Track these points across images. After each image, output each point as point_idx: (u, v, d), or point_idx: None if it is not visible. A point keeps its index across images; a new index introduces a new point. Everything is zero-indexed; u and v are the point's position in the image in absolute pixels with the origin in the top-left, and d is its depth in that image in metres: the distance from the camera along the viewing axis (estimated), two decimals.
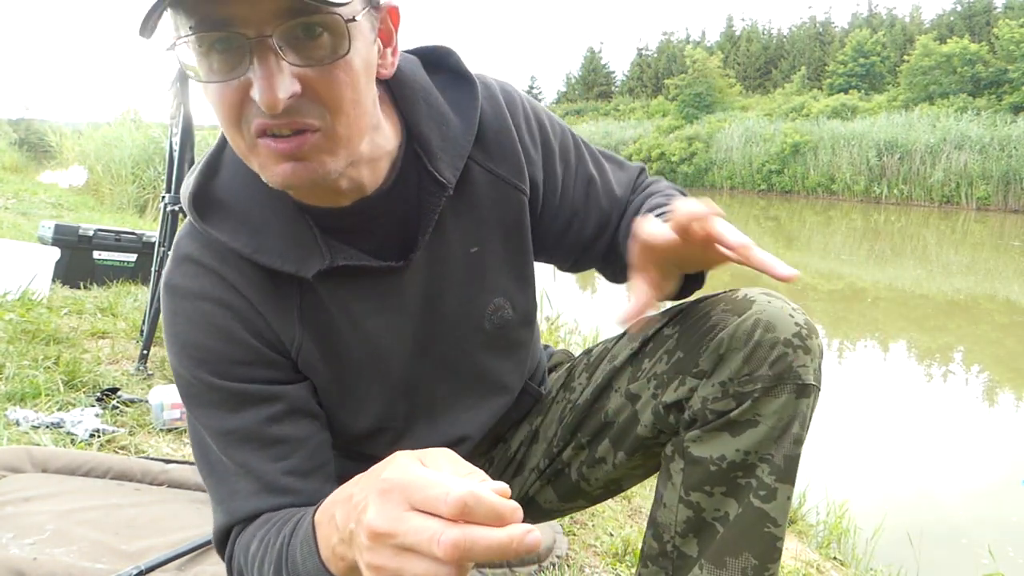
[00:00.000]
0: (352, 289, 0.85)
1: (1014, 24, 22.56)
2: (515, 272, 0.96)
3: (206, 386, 0.81)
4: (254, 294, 0.82)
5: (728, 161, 23.37)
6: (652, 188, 1.05)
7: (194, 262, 0.82)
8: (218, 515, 0.84)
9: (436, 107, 0.86)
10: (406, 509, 0.54)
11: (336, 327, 0.86)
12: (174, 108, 2.87)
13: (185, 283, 0.82)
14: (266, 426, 0.81)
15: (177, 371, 0.83)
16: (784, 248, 12.43)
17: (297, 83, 0.67)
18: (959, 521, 2.97)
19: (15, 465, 1.72)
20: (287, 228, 0.80)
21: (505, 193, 0.92)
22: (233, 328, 0.81)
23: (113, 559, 1.40)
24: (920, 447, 3.81)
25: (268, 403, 0.82)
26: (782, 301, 0.88)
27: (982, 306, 7.82)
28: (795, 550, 2.16)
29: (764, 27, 41.00)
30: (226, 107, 0.69)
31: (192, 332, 0.81)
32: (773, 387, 0.84)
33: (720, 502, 0.88)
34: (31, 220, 6.27)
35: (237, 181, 0.82)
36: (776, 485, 0.85)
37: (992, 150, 17.87)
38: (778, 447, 0.85)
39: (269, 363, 0.83)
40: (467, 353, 0.96)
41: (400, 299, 0.87)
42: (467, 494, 0.52)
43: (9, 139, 19.99)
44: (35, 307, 3.14)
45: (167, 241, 2.80)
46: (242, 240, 0.80)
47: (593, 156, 1.03)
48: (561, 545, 1.73)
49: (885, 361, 5.74)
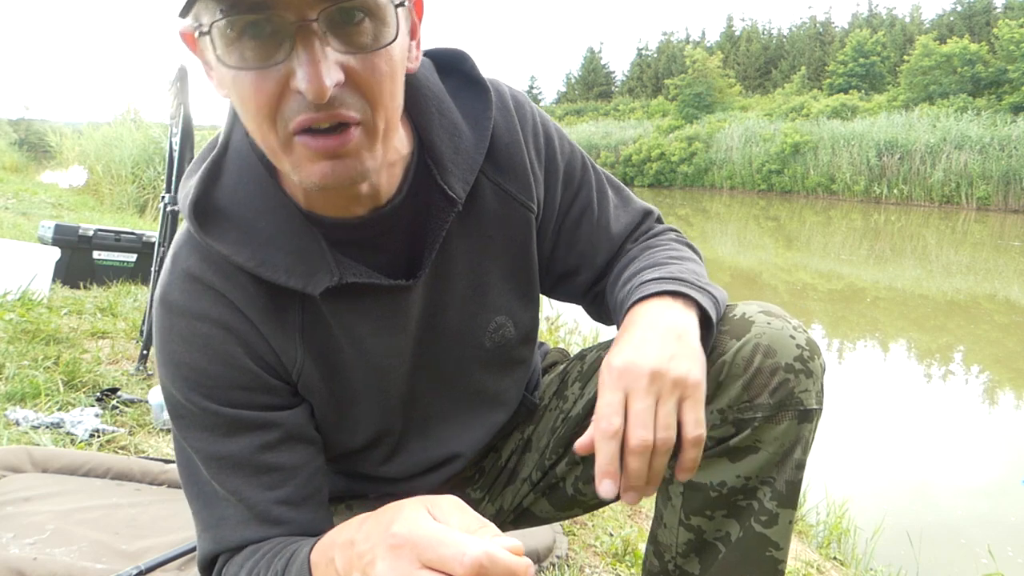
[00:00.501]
0: (356, 307, 0.80)
1: (1014, 24, 22.55)
2: (519, 291, 0.93)
3: (199, 409, 0.77)
4: (256, 314, 0.77)
5: (728, 161, 23.37)
6: (650, 243, 0.98)
7: (194, 279, 0.76)
8: (204, 542, 0.80)
9: (449, 117, 0.82)
10: (418, 568, 0.53)
11: (338, 346, 0.82)
12: (174, 108, 2.87)
13: (183, 301, 0.76)
14: (260, 454, 0.78)
15: (168, 391, 0.78)
16: (784, 248, 12.43)
17: (341, 72, 0.62)
18: (959, 521, 2.97)
19: (15, 465, 1.72)
20: (294, 241, 0.75)
21: (513, 210, 0.88)
22: (233, 352, 0.76)
23: (113, 559, 1.40)
24: (920, 447, 3.81)
25: (263, 430, 0.78)
26: (782, 320, 0.84)
27: (982, 306, 7.82)
28: (795, 550, 2.16)
29: (764, 27, 41.05)
30: (262, 99, 0.63)
31: (188, 353, 0.76)
32: (774, 415, 0.82)
33: (721, 524, 0.87)
34: (31, 220, 6.27)
35: (241, 188, 0.76)
36: (778, 510, 0.84)
37: (992, 150, 17.87)
38: (780, 471, 0.83)
39: (268, 389, 0.79)
40: (465, 370, 0.93)
41: (403, 318, 0.84)
42: (483, 555, 0.51)
43: (9, 139, 20.00)
44: (35, 307, 3.14)
45: (167, 241, 2.80)
46: (245, 253, 0.74)
47: (599, 185, 0.97)
48: (561, 545, 1.73)
49: (885, 361, 5.74)
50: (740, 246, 12.87)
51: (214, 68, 0.68)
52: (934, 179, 18.50)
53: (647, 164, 25.11)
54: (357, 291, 0.78)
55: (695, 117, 27.51)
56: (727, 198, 21.73)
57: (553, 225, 0.95)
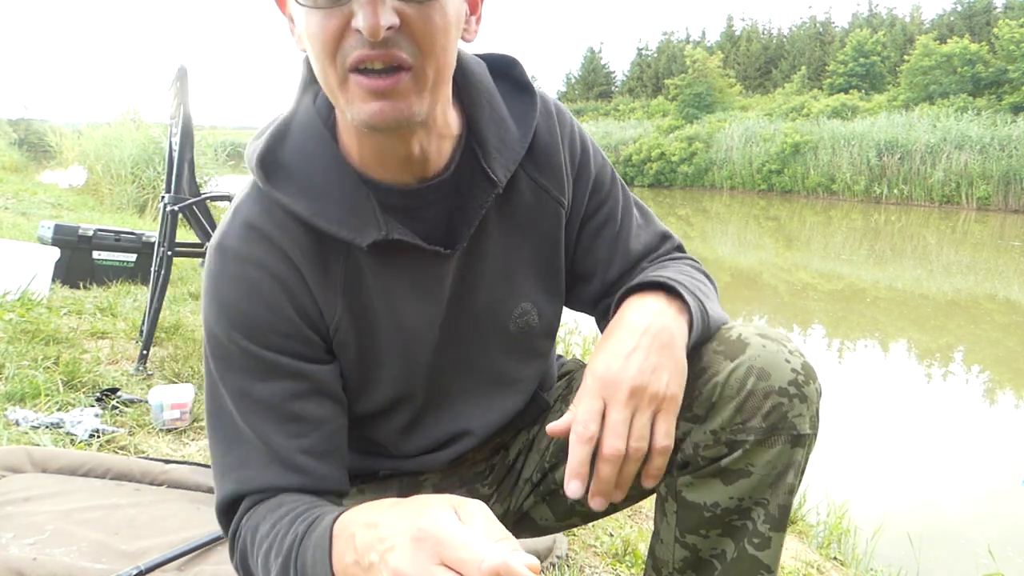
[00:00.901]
0: (395, 268, 0.85)
1: (1014, 24, 22.53)
2: (544, 282, 0.97)
3: (240, 349, 0.81)
4: (305, 263, 0.82)
5: (728, 161, 23.35)
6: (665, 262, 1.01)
7: (250, 227, 0.82)
8: (226, 483, 0.83)
9: (497, 111, 0.89)
10: (436, 563, 0.56)
11: (373, 305, 0.87)
12: (174, 108, 2.87)
13: (237, 246, 0.82)
14: (290, 401, 0.82)
15: (212, 330, 0.83)
16: (784, 248, 12.43)
17: (396, 16, 0.69)
18: (959, 521, 2.97)
19: (15, 465, 1.72)
20: (348, 197, 0.81)
21: (546, 204, 0.94)
22: (278, 299, 0.81)
23: (113, 559, 1.40)
24: (920, 447, 3.81)
25: (296, 379, 0.82)
26: (778, 343, 0.85)
27: (982, 306, 7.82)
28: (795, 550, 2.16)
29: (764, 27, 40.98)
30: (326, 35, 0.70)
31: (236, 295, 0.81)
32: (766, 438, 0.83)
33: (717, 542, 0.88)
34: (31, 220, 6.27)
35: (304, 148, 0.83)
36: (770, 534, 0.86)
37: (992, 150, 17.85)
38: (773, 493, 0.85)
39: (305, 340, 0.84)
40: (488, 351, 0.96)
41: (437, 287, 0.88)
42: (501, 564, 0.53)
43: (9, 139, 19.98)
44: (35, 307, 3.14)
45: (167, 241, 2.80)
46: (302, 203, 0.80)
47: (625, 202, 1.02)
48: (561, 545, 1.73)
49: (885, 361, 5.74)
50: (740, 246, 12.87)
51: (294, 20, 0.76)
52: (934, 179, 18.49)
53: (647, 164, 25.07)
54: (398, 251, 0.83)
55: (695, 117, 27.47)
56: (727, 198, 21.73)
57: (576, 226, 0.99)
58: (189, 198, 2.81)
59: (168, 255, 2.79)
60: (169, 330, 3.07)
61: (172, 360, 2.73)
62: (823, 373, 0.88)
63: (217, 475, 0.84)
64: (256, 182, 0.83)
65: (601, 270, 1.00)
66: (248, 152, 0.84)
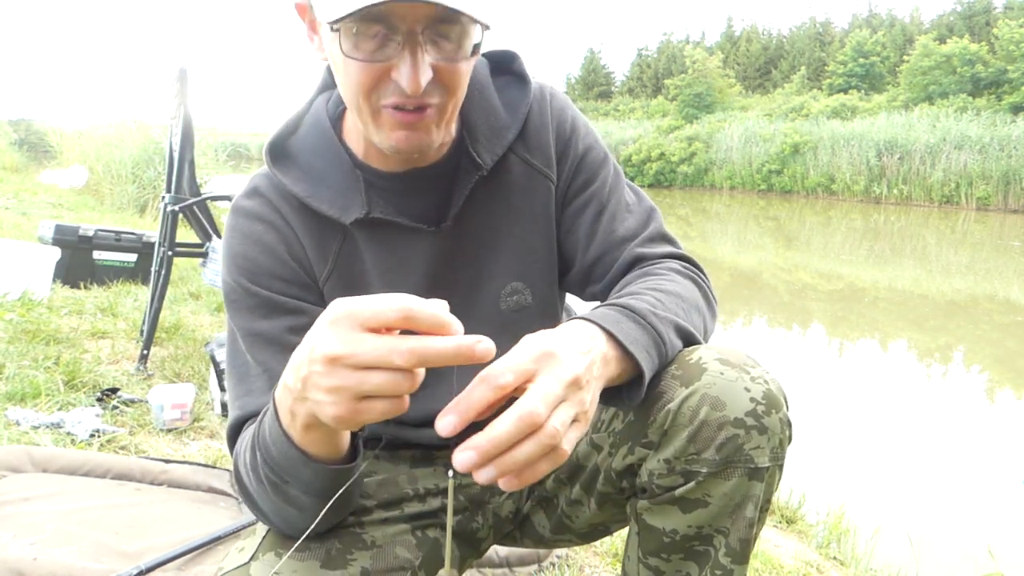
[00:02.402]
0: (384, 245, 0.94)
1: (1014, 24, 22.54)
2: (536, 258, 0.99)
3: (244, 291, 0.91)
4: (302, 230, 0.93)
5: (728, 161, 23.35)
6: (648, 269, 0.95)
7: (260, 194, 0.95)
8: (233, 411, 0.90)
9: (488, 100, 0.97)
10: (359, 331, 0.60)
11: (365, 279, 0.95)
12: (174, 108, 2.87)
13: (248, 206, 0.94)
14: (289, 334, 0.89)
15: (225, 279, 0.94)
16: (784, 248, 12.44)
17: (431, 72, 0.79)
18: (958, 521, 2.97)
19: (15, 465, 1.72)
20: (340, 182, 0.93)
21: (537, 182, 0.99)
22: (277, 247, 0.92)
23: (113, 559, 1.40)
24: (920, 447, 3.81)
25: (294, 315, 0.91)
26: (739, 370, 0.81)
27: (982, 306, 7.83)
28: (795, 550, 2.16)
29: (764, 27, 41.08)
30: (365, 81, 0.80)
31: (243, 245, 0.92)
32: (721, 471, 0.80)
33: (680, 565, 0.87)
34: (31, 220, 6.28)
35: (309, 140, 0.95)
36: (732, 567, 0.84)
37: (992, 150, 17.86)
38: (733, 524, 0.83)
39: (302, 284, 0.93)
40: (479, 331, 0.92)
41: (424, 263, 0.95)
42: (409, 301, 0.59)
43: (9, 139, 19.97)
44: (35, 307, 3.14)
45: (167, 241, 2.80)
46: (300, 187, 0.92)
47: (616, 185, 1.01)
48: None
49: (885, 361, 5.74)
50: (740, 246, 12.87)
51: (320, 36, 0.86)
52: (934, 179, 18.50)
53: (647, 164, 25.06)
54: (386, 229, 0.93)
55: (695, 117, 27.47)
56: (727, 198, 21.73)
57: (561, 204, 1.02)
58: (189, 198, 2.81)
59: (168, 255, 2.79)
60: (169, 330, 3.07)
61: (172, 360, 2.73)
62: (823, 373, 0.88)
63: (229, 407, 0.91)
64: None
65: (581, 250, 0.99)
66: (267, 142, 0.97)
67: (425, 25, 0.77)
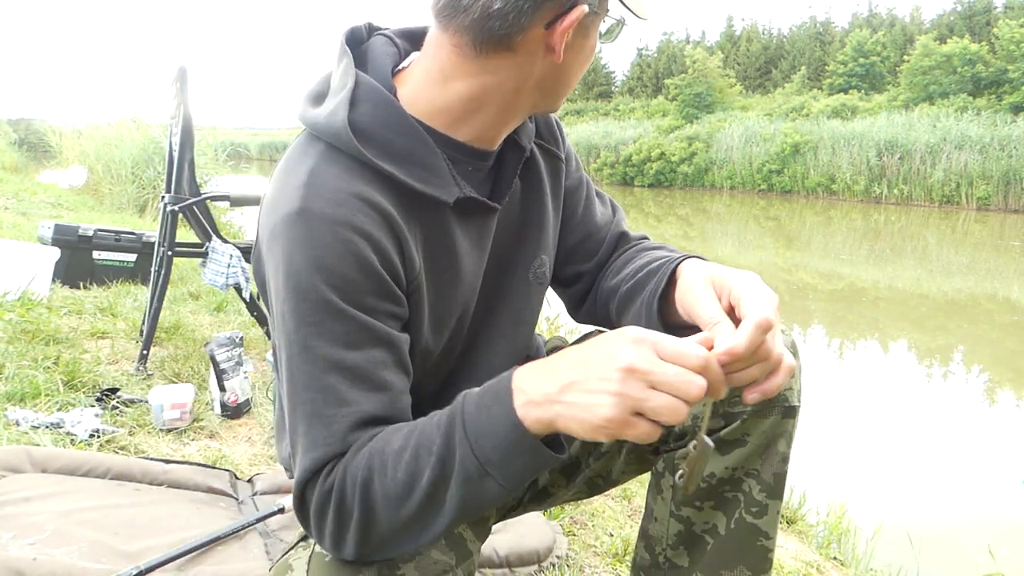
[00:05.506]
0: (470, 222, 0.93)
1: (1014, 24, 22.51)
2: (554, 232, 1.06)
3: (336, 312, 0.78)
4: (399, 221, 0.83)
5: (728, 161, 23.34)
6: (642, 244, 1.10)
7: (333, 188, 0.80)
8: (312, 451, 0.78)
9: None
10: (658, 358, 0.66)
11: (443, 263, 0.91)
12: (174, 108, 2.87)
13: (326, 209, 0.79)
14: (380, 369, 0.80)
15: (304, 294, 0.78)
16: (784, 248, 12.43)
17: None
18: (959, 521, 2.97)
19: (15, 465, 1.72)
20: (427, 159, 0.86)
21: (552, 163, 1.06)
22: (370, 259, 0.79)
23: (113, 559, 1.40)
24: (920, 447, 3.81)
25: (386, 347, 0.81)
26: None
27: (982, 306, 7.83)
28: (795, 550, 2.16)
29: (764, 27, 40.98)
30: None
31: (330, 258, 0.78)
32: (762, 410, 0.91)
33: (709, 515, 0.95)
34: (31, 220, 6.27)
35: (378, 114, 0.84)
36: (767, 501, 0.93)
37: (992, 150, 17.84)
38: (764, 463, 0.93)
39: (394, 298, 0.83)
40: (511, 301, 1.02)
41: (487, 240, 0.97)
42: (708, 356, 0.66)
43: (9, 139, 19.97)
44: (35, 307, 3.14)
45: (167, 241, 2.80)
46: (391, 165, 0.83)
47: (588, 179, 1.14)
48: (561, 545, 1.73)
49: (885, 361, 5.73)
50: (740, 246, 12.86)
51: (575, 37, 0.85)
52: (934, 179, 18.49)
53: (647, 164, 25.05)
54: (467, 207, 0.91)
55: (695, 117, 27.43)
56: (727, 198, 21.73)
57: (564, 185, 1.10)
58: (189, 198, 2.81)
59: (168, 255, 2.79)
60: (169, 330, 3.07)
61: (172, 360, 2.73)
62: (822, 373, 0.90)
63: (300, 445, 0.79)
64: (328, 145, 0.83)
65: (570, 229, 1.09)
66: (321, 120, 0.84)
67: None
